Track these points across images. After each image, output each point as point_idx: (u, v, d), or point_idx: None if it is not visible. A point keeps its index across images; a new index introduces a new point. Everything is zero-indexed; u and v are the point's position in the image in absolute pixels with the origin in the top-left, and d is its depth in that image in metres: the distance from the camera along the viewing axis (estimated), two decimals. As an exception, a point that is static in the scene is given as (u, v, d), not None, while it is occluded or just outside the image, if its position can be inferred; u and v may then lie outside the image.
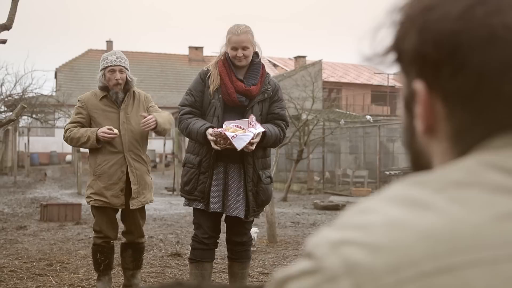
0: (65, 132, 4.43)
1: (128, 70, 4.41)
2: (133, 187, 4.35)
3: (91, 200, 4.41)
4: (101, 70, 4.39)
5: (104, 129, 4.27)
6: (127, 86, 4.42)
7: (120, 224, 4.60)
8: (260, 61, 3.95)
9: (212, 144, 3.65)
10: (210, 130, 3.67)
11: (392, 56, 0.65)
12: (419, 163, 0.67)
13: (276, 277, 0.58)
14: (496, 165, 0.57)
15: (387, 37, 0.64)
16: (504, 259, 0.51)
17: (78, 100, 4.49)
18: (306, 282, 0.54)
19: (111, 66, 4.33)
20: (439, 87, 0.60)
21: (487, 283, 0.50)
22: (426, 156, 0.65)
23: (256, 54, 3.92)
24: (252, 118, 3.75)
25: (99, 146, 4.32)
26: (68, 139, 4.42)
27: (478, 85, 0.58)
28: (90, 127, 4.39)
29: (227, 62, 3.86)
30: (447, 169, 0.59)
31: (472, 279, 0.50)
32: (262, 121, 3.86)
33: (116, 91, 4.37)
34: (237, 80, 3.82)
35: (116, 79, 4.32)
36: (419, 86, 0.62)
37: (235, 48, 3.80)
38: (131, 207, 4.35)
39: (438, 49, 0.59)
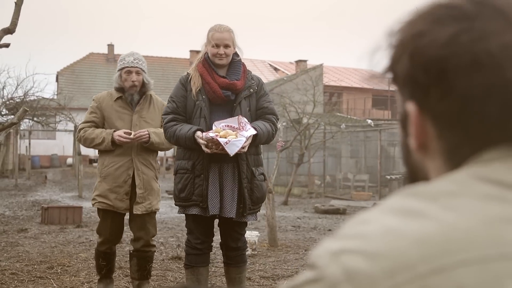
0: (79, 131, 4.34)
1: (145, 72, 4.33)
2: (138, 191, 4.23)
3: (95, 202, 4.31)
4: (118, 70, 4.31)
5: (121, 132, 4.19)
6: (143, 89, 4.34)
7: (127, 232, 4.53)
8: (241, 60, 3.90)
9: (203, 147, 3.60)
10: (199, 133, 3.62)
11: (389, 76, 0.69)
12: (416, 177, 0.70)
13: None
14: (484, 177, 0.60)
15: (384, 59, 0.68)
16: (493, 258, 0.54)
17: (93, 100, 4.41)
18: None
19: (127, 67, 4.25)
20: (428, 109, 0.64)
21: (478, 280, 0.53)
22: (422, 171, 0.69)
23: (235, 54, 3.88)
24: (242, 119, 3.69)
25: (113, 149, 4.23)
26: (82, 139, 4.32)
27: (464, 107, 0.62)
28: (104, 127, 4.32)
29: (206, 63, 3.82)
30: (439, 181, 0.62)
31: (463, 278, 0.53)
32: (251, 117, 3.81)
33: (132, 93, 4.29)
34: (220, 77, 3.78)
35: (132, 81, 4.25)
36: (411, 107, 0.66)
37: (217, 46, 3.76)
38: (134, 212, 4.22)
39: (426, 74, 0.63)
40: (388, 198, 0.63)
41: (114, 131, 4.22)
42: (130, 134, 4.19)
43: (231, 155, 3.57)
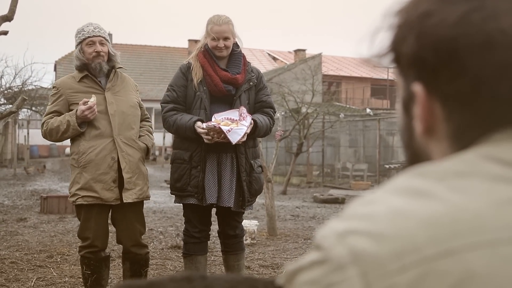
0: (42, 126, 3.72)
1: (109, 43, 3.78)
2: (126, 175, 3.65)
3: (77, 198, 3.64)
4: (78, 45, 3.71)
5: (81, 106, 3.56)
6: (110, 62, 3.76)
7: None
8: (241, 51, 3.89)
9: (204, 136, 3.59)
10: (199, 123, 3.62)
11: (389, 58, 0.67)
12: (419, 162, 0.68)
13: (288, 269, 0.61)
14: (494, 156, 0.59)
15: (384, 40, 0.66)
16: (503, 241, 0.53)
17: (53, 87, 3.79)
18: (315, 272, 0.57)
19: (89, 37, 3.67)
20: (437, 90, 0.62)
21: (487, 264, 0.52)
22: (425, 155, 0.67)
23: (236, 45, 3.86)
24: (243, 109, 3.70)
25: (83, 130, 3.63)
26: (46, 134, 3.70)
27: (476, 88, 0.60)
28: None
29: (208, 53, 3.79)
30: (447, 161, 0.61)
31: (472, 261, 0.52)
32: (250, 110, 3.81)
33: (99, 62, 3.69)
34: (221, 69, 3.76)
35: (97, 51, 3.67)
36: (418, 88, 0.64)
37: (216, 39, 3.74)
38: (124, 200, 3.64)
39: (436, 54, 0.61)
40: (394, 178, 0.62)
41: (77, 109, 3.60)
42: (89, 100, 3.61)
43: (233, 143, 3.58)
